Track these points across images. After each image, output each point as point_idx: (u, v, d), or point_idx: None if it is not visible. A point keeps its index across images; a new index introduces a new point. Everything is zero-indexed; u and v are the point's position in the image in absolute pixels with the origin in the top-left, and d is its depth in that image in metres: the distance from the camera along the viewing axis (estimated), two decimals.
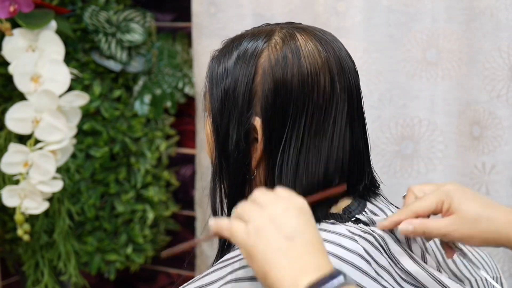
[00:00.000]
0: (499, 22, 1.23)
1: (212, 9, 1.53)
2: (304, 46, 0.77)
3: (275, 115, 0.76)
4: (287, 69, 0.76)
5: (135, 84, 1.58)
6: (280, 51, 0.77)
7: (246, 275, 0.71)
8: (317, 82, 0.76)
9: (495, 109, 1.26)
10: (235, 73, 0.78)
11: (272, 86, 0.76)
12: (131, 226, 1.54)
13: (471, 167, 1.30)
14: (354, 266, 0.72)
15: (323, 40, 0.79)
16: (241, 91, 0.78)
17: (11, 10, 1.22)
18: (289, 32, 0.79)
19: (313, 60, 0.77)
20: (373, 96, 1.37)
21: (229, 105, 0.79)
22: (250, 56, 0.78)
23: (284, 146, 0.77)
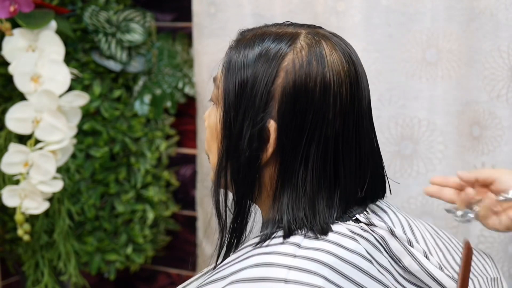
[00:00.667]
0: (499, 22, 1.23)
1: (212, 9, 1.53)
2: (330, 56, 0.77)
3: (292, 121, 0.76)
4: (310, 76, 0.76)
5: (135, 84, 1.58)
6: (306, 56, 0.76)
7: (248, 276, 0.71)
8: (340, 94, 0.76)
9: (495, 109, 1.26)
10: (255, 70, 0.77)
11: (292, 91, 0.76)
12: (131, 226, 1.54)
13: (471, 167, 1.30)
14: (355, 266, 0.72)
15: (346, 51, 0.79)
16: (259, 90, 0.76)
17: (11, 10, 1.22)
18: (315, 39, 0.78)
19: (337, 71, 0.77)
20: (373, 96, 1.36)
21: (245, 101, 0.77)
22: (273, 56, 0.77)
23: (302, 156, 0.76)
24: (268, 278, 0.70)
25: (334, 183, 0.77)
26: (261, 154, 0.78)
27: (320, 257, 0.71)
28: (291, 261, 0.71)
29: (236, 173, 0.80)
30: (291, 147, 0.76)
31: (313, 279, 0.69)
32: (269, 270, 0.70)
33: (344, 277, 0.71)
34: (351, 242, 0.74)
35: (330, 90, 0.76)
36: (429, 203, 1.36)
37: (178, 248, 1.73)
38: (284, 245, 0.73)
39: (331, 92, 0.76)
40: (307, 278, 0.69)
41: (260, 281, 0.70)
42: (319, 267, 0.70)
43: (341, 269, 0.71)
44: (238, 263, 0.74)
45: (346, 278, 0.71)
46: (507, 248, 1.28)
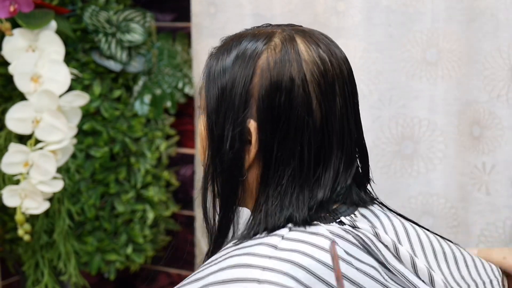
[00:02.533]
0: (499, 22, 1.23)
1: (212, 9, 1.53)
2: (305, 51, 0.77)
3: (271, 120, 0.76)
4: (285, 73, 0.75)
5: (135, 84, 1.58)
6: (280, 53, 0.76)
7: (223, 278, 0.71)
8: (318, 89, 0.76)
9: (495, 109, 1.26)
10: (233, 72, 0.78)
11: (269, 89, 0.76)
12: (131, 226, 1.54)
13: (471, 167, 1.30)
14: (329, 268, 0.71)
15: (323, 45, 0.79)
16: (238, 91, 0.77)
17: (11, 10, 1.22)
18: (289, 35, 0.78)
19: (313, 66, 0.76)
20: (373, 96, 1.37)
21: (225, 104, 0.78)
22: (249, 57, 0.77)
23: (283, 155, 0.76)
24: (242, 279, 0.70)
25: (317, 183, 0.77)
26: (245, 156, 0.78)
27: (295, 258, 0.71)
28: (266, 262, 0.71)
29: (221, 176, 0.80)
30: (273, 146, 0.76)
31: (285, 280, 0.69)
32: (244, 271, 0.71)
33: (317, 278, 0.70)
34: (328, 243, 0.73)
35: (307, 86, 0.75)
36: (429, 203, 1.36)
37: (178, 248, 1.73)
38: (261, 246, 0.73)
39: (307, 88, 0.75)
40: (279, 279, 0.69)
41: (235, 282, 0.70)
42: (292, 268, 0.70)
43: (315, 270, 0.71)
44: (216, 264, 0.74)
45: (320, 279, 0.70)
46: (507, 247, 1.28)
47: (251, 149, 0.77)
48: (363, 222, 0.79)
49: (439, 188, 1.35)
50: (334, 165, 0.77)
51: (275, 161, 0.76)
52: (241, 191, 0.80)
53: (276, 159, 0.76)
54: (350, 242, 0.75)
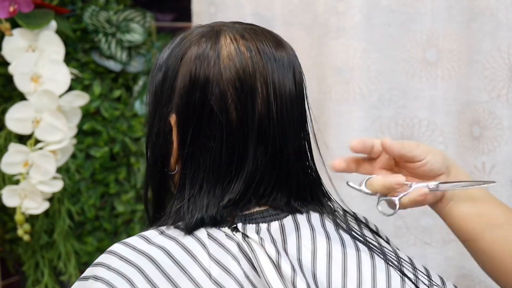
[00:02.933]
0: (499, 22, 1.23)
1: (212, 9, 1.53)
2: (226, 49, 0.75)
3: (186, 115, 0.76)
4: (201, 69, 0.75)
5: (135, 84, 1.58)
6: (201, 49, 0.75)
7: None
8: (232, 89, 0.74)
9: (495, 109, 1.26)
10: (166, 66, 0.78)
11: (186, 84, 0.75)
12: (131, 226, 1.54)
13: (471, 167, 1.30)
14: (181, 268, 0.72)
15: (252, 43, 0.76)
16: (166, 86, 0.77)
17: (11, 10, 1.22)
18: (218, 30, 0.77)
19: (231, 64, 0.74)
20: (373, 96, 1.37)
21: (157, 98, 0.79)
22: (178, 51, 0.77)
23: (197, 151, 0.76)
24: (98, 263, 0.74)
25: (229, 185, 0.76)
26: (171, 150, 0.78)
27: (152, 251, 0.73)
28: (125, 251, 0.73)
29: (153, 170, 0.81)
30: (187, 142, 0.76)
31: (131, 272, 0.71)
32: (104, 256, 0.74)
33: (160, 270, 0.71)
34: (197, 245, 0.73)
35: (222, 84, 0.74)
36: None
37: None
38: (136, 237, 0.75)
39: (222, 86, 0.74)
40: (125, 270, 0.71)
41: (94, 266, 0.74)
42: (146, 262, 0.72)
43: (162, 263, 0.72)
44: None
45: (161, 271, 0.71)
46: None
47: (173, 144, 0.78)
48: (265, 233, 0.76)
49: None
50: (248, 168, 0.75)
51: (189, 158, 0.76)
52: (171, 186, 0.81)
53: (190, 156, 0.76)
54: (223, 248, 0.74)
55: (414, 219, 1.36)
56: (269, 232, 0.76)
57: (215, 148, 0.75)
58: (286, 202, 0.79)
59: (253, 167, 0.76)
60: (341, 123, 1.38)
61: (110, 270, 0.72)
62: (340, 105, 1.37)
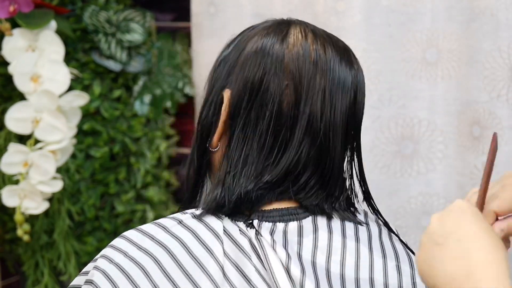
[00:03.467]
0: (499, 22, 1.23)
1: (212, 9, 1.53)
2: (295, 37, 0.77)
3: (242, 90, 0.76)
4: (266, 52, 0.76)
5: (135, 84, 1.58)
6: (270, 33, 0.77)
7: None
8: (298, 76, 0.75)
9: (495, 109, 1.26)
10: (234, 47, 0.80)
11: (250, 57, 0.77)
12: (131, 226, 1.54)
13: (471, 167, 1.30)
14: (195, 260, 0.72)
15: (322, 42, 0.78)
16: (229, 62, 0.79)
17: (11, 10, 1.22)
18: (286, 21, 0.79)
19: (299, 51, 0.76)
20: (373, 96, 1.37)
21: (218, 72, 0.80)
22: (249, 31, 0.80)
23: (242, 132, 0.76)
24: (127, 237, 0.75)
25: (267, 165, 0.76)
26: (214, 123, 0.79)
27: (170, 244, 0.73)
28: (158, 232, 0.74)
29: (199, 145, 0.81)
30: (237, 118, 0.77)
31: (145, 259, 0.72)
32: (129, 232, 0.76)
33: (175, 262, 0.72)
34: (212, 238, 0.74)
35: (287, 65, 0.75)
36: (429, 203, 1.36)
37: None
38: (181, 214, 0.77)
39: (287, 68, 0.75)
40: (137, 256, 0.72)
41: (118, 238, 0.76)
42: (161, 251, 0.73)
43: (178, 255, 0.72)
44: None
45: (177, 263, 0.72)
46: None
47: (219, 119, 0.78)
48: (279, 234, 0.76)
49: (439, 188, 1.35)
50: (290, 155, 0.76)
51: (234, 133, 0.77)
52: (210, 163, 0.81)
53: (235, 132, 0.76)
54: (236, 244, 0.74)
55: (414, 219, 1.36)
56: (284, 233, 0.76)
57: (262, 128, 0.75)
58: (318, 203, 0.78)
59: (295, 156, 0.76)
60: None
61: (127, 257, 0.72)
62: None
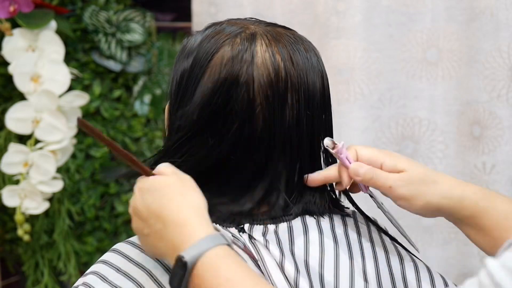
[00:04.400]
0: (499, 22, 1.23)
1: (212, 9, 1.53)
2: (260, 54, 0.73)
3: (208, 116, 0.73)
4: (232, 72, 0.72)
5: (135, 84, 1.58)
6: (234, 51, 0.73)
7: None
8: (262, 96, 0.72)
9: (495, 109, 1.26)
10: (194, 60, 0.76)
11: (213, 85, 0.73)
12: (131, 226, 1.54)
13: (471, 167, 1.30)
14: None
15: (287, 51, 0.75)
16: (191, 81, 0.75)
17: (11, 10, 1.22)
18: (253, 34, 0.75)
19: (264, 71, 0.73)
20: (373, 96, 1.37)
21: (181, 91, 0.76)
22: (210, 46, 0.75)
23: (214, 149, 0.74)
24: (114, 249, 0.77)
25: (250, 190, 0.75)
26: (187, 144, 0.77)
27: None
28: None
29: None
30: (207, 143, 0.74)
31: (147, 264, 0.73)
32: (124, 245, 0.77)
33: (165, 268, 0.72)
34: None
35: (252, 90, 0.72)
36: None
37: None
38: None
39: (252, 93, 0.72)
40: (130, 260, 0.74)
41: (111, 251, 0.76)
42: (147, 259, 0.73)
43: None
44: None
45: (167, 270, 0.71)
46: None
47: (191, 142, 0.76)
48: (272, 235, 0.75)
49: None
50: (269, 178, 0.75)
51: (207, 155, 0.74)
52: None
53: (208, 153, 0.74)
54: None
55: (414, 219, 1.36)
56: (276, 234, 0.76)
57: (236, 156, 0.73)
58: (304, 206, 0.78)
59: (275, 177, 0.75)
60: (342, 123, 1.38)
61: (120, 272, 0.72)
62: (340, 105, 1.37)
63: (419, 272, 0.80)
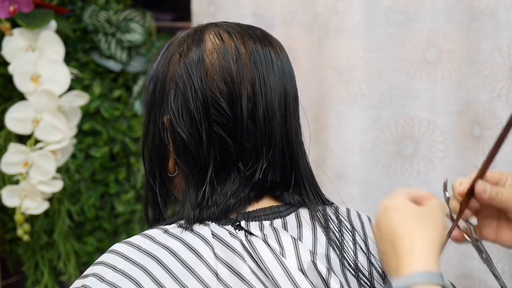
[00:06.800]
0: (499, 22, 1.23)
1: (212, 9, 1.53)
2: (212, 47, 0.75)
3: (177, 118, 0.75)
4: (186, 71, 0.74)
5: (135, 84, 1.58)
6: (187, 49, 0.75)
7: None
8: (217, 82, 0.74)
9: (495, 109, 1.26)
10: (158, 67, 0.78)
11: (173, 86, 0.75)
12: (131, 226, 1.54)
13: (471, 167, 1.30)
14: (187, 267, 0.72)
15: (241, 44, 0.76)
16: (157, 89, 0.77)
17: (11, 10, 1.22)
18: (201, 31, 0.77)
19: (218, 63, 0.74)
20: (373, 96, 1.37)
21: (150, 104, 0.78)
22: (167, 54, 0.78)
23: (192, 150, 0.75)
24: (100, 262, 0.73)
25: (226, 182, 0.76)
26: (166, 152, 0.78)
27: (158, 251, 0.72)
28: (129, 251, 0.73)
29: (150, 174, 0.80)
30: (182, 142, 0.75)
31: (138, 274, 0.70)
32: (106, 255, 0.74)
33: (166, 270, 0.71)
34: (200, 243, 0.73)
35: (209, 86, 0.73)
36: None
37: None
38: (139, 236, 0.75)
39: (209, 88, 0.73)
40: (131, 271, 0.71)
41: (97, 264, 0.73)
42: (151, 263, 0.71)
43: (168, 263, 0.71)
44: None
45: (168, 272, 0.71)
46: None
47: (170, 145, 0.77)
48: (268, 229, 0.76)
49: (439, 188, 1.35)
50: (245, 170, 0.76)
51: (185, 156, 0.76)
52: (172, 187, 0.81)
53: (186, 154, 0.76)
54: (228, 247, 0.74)
55: None
56: (273, 228, 0.77)
57: (206, 149, 0.75)
58: (298, 199, 0.80)
59: (251, 167, 0.76)
60: (341, 123, 1.38)
61: (116, 271, 0.71)
62: (340, 105, 1.37)
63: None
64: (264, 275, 0.73)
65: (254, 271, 0.73)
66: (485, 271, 1.27)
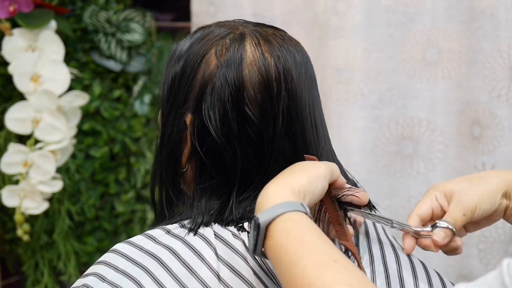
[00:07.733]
0: (499, 22, 1.23)
1: (212, 9, 1.53)
2: (251, 55, 0.74)
3: (204, 118, 0.74)
4: (222, 74, 0.73)
5: (135, 84, 1.58)
6: (224, 53, 0.74)
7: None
8: (253, 96, 0.73)
9: (495, 109, 1.26)
10: (185, 62, 0.77)
11: (206, 85, 0.74)
12: (131, 226, 1.54)
13: (471, 167, 1.30)
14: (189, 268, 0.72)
15: (279, 52, 0.75)
16: (183, 83, 0.76)
17: (11, 10, 1.22)
18: (242, 35, 0.76)
19: (255, 71, 0.73)
20: (373, 96, 1.37)
21: (173, 94, 0.77)
22: (199, 50, 0.76)
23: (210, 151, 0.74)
24: (101, 261, 0.72)
25: (239, 189, 0.75)
26: (183, 149, 0.77)
27: (159, 252, 0.72)
28: (131, 251, 0.72)
29: (162, 167, 0.80)
30: (205, 144, 0.75)
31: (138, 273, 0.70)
32: (107, 255, 0.73)
33: (168, 271, 0.71)
34: (202, 244, 0.73)
35: (247, 89, 0.73)
36: None
37: None
38: (141, 236, 0.75)
39: (244, 92, 0.72)
40: (131, 271, 0.70)
41: (98, 264, 0.73)
42: (152, 263, 0.71)
43: (169, 264, 0.71)
44: None
45: (169, 273, 0.71)
46: (507, 248, 1.28)
47: (187, 143, 0.77)
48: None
49: None
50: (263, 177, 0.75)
51: (203, 159, 0.75)
52: (182, 183, 0.80)
53: (204, 155, 0.75)
54: (231, 248, 0.74)
55: None
56: None
57: (231, 152, 0.74)
58: None
59: (268, 174, 0.75)
60: (341, 123, 1.38)
61: (118, 271, 0.71)
62: (340, 105, 1.37)
63: (415, 270, 0.80)
64: (266, 275, 0.73)
65: (256, 272, 0.73)
66: (485, 271, 1.27)
